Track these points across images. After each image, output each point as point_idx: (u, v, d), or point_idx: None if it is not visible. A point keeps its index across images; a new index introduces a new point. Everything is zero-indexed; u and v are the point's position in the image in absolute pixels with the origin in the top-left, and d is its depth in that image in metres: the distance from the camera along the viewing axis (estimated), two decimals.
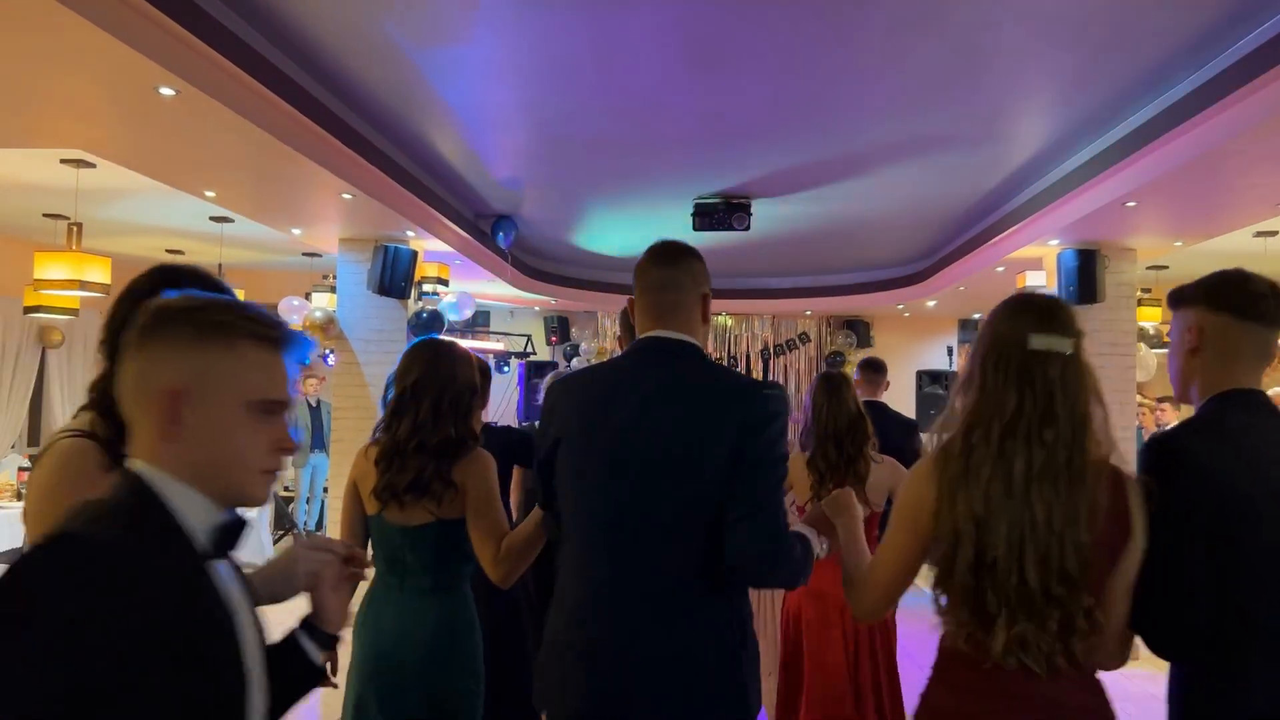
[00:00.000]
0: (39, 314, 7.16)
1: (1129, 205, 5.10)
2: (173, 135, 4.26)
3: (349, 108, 4.80)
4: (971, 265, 7.45)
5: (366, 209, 5.76)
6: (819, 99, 4.61)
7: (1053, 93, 4.54)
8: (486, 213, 7.29)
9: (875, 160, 5.62)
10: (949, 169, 5.80)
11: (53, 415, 9.58)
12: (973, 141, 5.20)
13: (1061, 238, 6.10)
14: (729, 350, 11.49)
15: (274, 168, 4.80)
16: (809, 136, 5.23)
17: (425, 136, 5.38)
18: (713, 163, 5.81)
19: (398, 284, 6.58)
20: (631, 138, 5.34)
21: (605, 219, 7.59)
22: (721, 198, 6.57)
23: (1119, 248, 6.34)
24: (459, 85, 4.58)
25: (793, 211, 7.00)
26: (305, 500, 10.17)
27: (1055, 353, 1.65)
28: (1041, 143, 5.23)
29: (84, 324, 9.69)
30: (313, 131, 4.44)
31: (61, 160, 5.78)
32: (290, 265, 9.69)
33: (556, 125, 5.18)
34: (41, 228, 7.80)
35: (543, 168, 6.12)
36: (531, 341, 11.30)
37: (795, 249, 8.56)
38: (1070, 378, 1.66)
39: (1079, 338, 1.69)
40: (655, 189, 6.49)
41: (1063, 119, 4.84)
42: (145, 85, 3.51)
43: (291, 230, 6.66)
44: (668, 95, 4.63)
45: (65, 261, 5.91)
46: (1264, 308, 1.73)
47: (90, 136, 4.43)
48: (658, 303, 1.91)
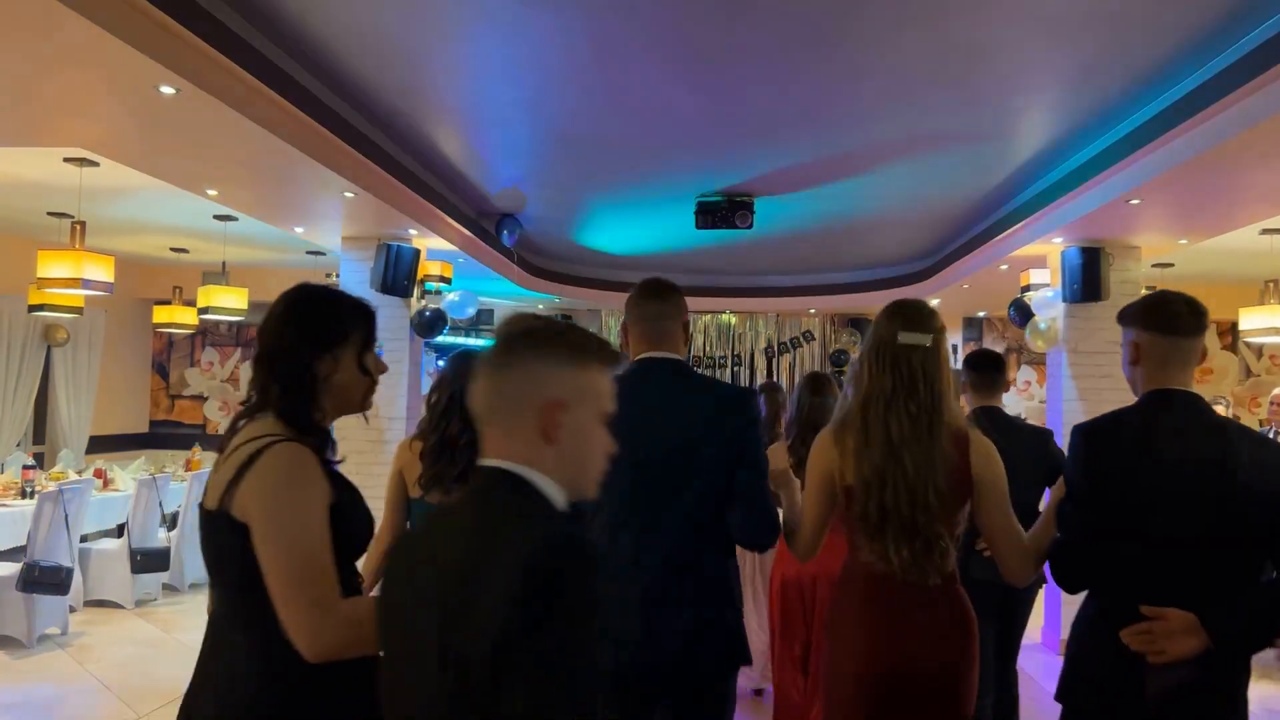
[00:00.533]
0: (43, 312, 7.18)
1: (1132, 203, 5.08)
2: (174, 134, 4.26)
3: (351, 106, 4.80)
4: (975, 263, 7.43)
5: (368, 207, 5.76)
6: (821, 97, 4.60)
7: (1056, 89, 4.52)
8: (489, 211, 7.29)
9: (878, 158, 5.60)
10: (952, 166, 5.78)
11: (58, 413, 9.61)
12: (975, 138, 5.19)
13: (1065, 235, 6.07)
14: (733, 349, 11.48)
15: (275, 166, 4.80)
16: (811, 134, 5.22)
17: (427, 135, 5.38)
18: (714, 161, 5.80)
19: (400, 282, 6.57)
20: (633, 136, 5.33)
21: (608, 217, 7.59)
22: (724, 195, 6.56)
23: (1123, 245, 6.31)
24: (461, 83, 4.58)
25: (796, 209, 6.99)
26: None
27: (918, 345, 2.26)
28: (1045, 140, 5.21)
29: (89, 322, 9.73)
30: (314, 130, 4.44)
31: (65, 159, 5.79)
32: (295, 264, 9.70)
33: (558, 124, 5.18)
34: (46, 226, 7.82)
35: (545, 166, 6.11)
36: None
37: (799, 247, 8.55)
38: (930, 364, 2.26)
39: (938, 334, 2.30)
40: (658, 187, 6.48)
41: (1066, 115, 4.82)
42: (146, 84, 3.51)
43: (294, 229, 6.66)
44: (669, 94, 4.62)
45: (68, 260, 5.92)
46: (1182, 323, 2.15)
47: (92, 135, 4.43)
48: (653, 330, 2.42)
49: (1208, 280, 9.43)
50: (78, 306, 7.25)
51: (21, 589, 5.68)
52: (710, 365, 11.38)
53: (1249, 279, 8.18)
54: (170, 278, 9.75)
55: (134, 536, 6.85)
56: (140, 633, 6.22)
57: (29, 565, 5.70)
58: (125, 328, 10.84)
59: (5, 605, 5.75)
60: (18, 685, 5.09)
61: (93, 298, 7.08)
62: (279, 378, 1.78)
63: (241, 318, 8.14)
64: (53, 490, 5.99)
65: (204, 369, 11.56)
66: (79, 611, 6.59)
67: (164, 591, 7.25)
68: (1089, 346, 6.40)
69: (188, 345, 11.52)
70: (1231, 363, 10.75)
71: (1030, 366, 11.20)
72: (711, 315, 11.47)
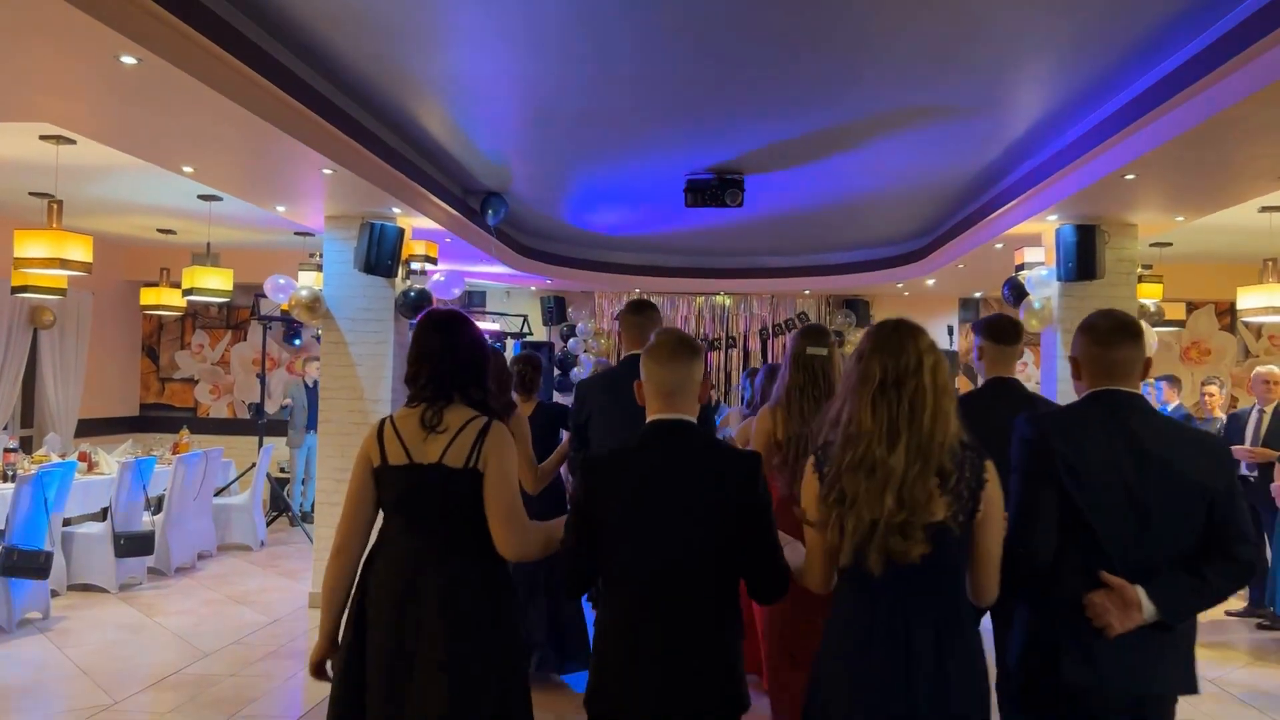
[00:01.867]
0: (26, 294, 7.08)
1: (1128, 178, 4.97)
2: (141, 107, 4.15)
3: (326, 79, 4.68)
4: (970, 242, 7.32)
5: (350, 185, 5.65)
6: (812, 69, 4.48)
7: (1050, 60, 4.40)
8: (475, 189, 7.17)
9: (870, 133, 5.49)
10: (946, 142, 5.66)
11: (45, 396, 9.53)
12: (969, 112, 5.07)
13: (1060, 213, 5.96)
14: (727, 330, 11.39)
15: (249, 142, 4.69)
16: (802, 108, 5.10)
17: (409, 110, 5.26)
18: (703, 136, 5.69)
19: (384, 262, 6.47)
20: (620, 109, 5.21)
21: (598, 196, 7.47)
22: (714, 173, 6.44)
23: (1119, 223, 6.20)
24: (442, 55, 4.46)
25: (788, 187, 6.87)
26: (301, 482, 10.11)
27: (818, 355, 3.40)
28: (1039, 114, 5.09)
29: (75, 304, 9.63)
30: (286, 103, 4.32)
31: (41, 136, 5.68)
32: (281, 244, 9.59)
33: (544, 98, 5.06)
34: (28, 206, 7.71)
35: (531, 143, 5.99)
36: (528, 322, 11.21)
37: (792, 227, 8.44)
38: (828, 367, 3.38)
39: (831, 347, 3.45)
40: (646, 163, 6.36)
41: (1060, 88, 4.70)
42: (105, 53, 3.40)
43: (276, 208, 6.55)
44: (657, 65, 4.50)
45: (46, 240, 5.80)
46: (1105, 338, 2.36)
47: (58, 110, 4.32)
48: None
49: (1206, 259, 9.33)
50: (60, 288, 7.14)
51: (0, 573, 5.60)
52: (706, 347, 11.29)
53: (1248, 258, 8.08)
54: (158, 259, 9.64)
55: (117, 520, 6.77)
56: (122, 617, 6.15)
57: (7, 549, 5.62)
58: (113, 310, 10.75)
59: None
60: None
61: (78, 279, 6.97)
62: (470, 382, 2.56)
63: (227, 299, 8.03)
64: (31, 473, 5.90)
65: (194, 352, 11.47)
66: (62, 595, 6.53)
67: (149, 575, 7.19)
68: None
69: (178, 328, 11.43)
70: (1230, 343, 10.65)
71: (1027, 348, 11.10)
72: (705, 297, 11.37)
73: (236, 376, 11.43)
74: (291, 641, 5.72)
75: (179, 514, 7.52)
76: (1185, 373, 9.92)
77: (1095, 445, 2.28)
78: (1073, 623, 2.24)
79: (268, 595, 6.86)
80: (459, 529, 2.46)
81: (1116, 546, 2.24)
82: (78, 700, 4.58)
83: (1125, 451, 2.26)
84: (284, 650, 5.52)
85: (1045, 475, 2.28)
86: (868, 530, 2.06)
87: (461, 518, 2.45)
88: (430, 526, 2.47)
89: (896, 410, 2.09)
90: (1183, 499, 2.25)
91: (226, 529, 8.57)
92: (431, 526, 2.47)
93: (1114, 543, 2.24)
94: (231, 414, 11.42)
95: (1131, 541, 2.24)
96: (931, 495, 2.05)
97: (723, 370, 11.35)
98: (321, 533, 6.60)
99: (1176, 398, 8.11)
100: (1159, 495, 2.24)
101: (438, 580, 2.41)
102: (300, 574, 7.46)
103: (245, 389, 11.39)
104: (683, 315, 11.42)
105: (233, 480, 9.30)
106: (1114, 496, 2.25)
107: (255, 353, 11.15)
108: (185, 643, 5.60)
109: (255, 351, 11.15)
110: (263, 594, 6.90)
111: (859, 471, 2.08)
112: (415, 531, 2.48)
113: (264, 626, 6.02)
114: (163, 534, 7.32)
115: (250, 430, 10.61)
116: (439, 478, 2.43)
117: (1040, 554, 2.26)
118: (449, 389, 2.51)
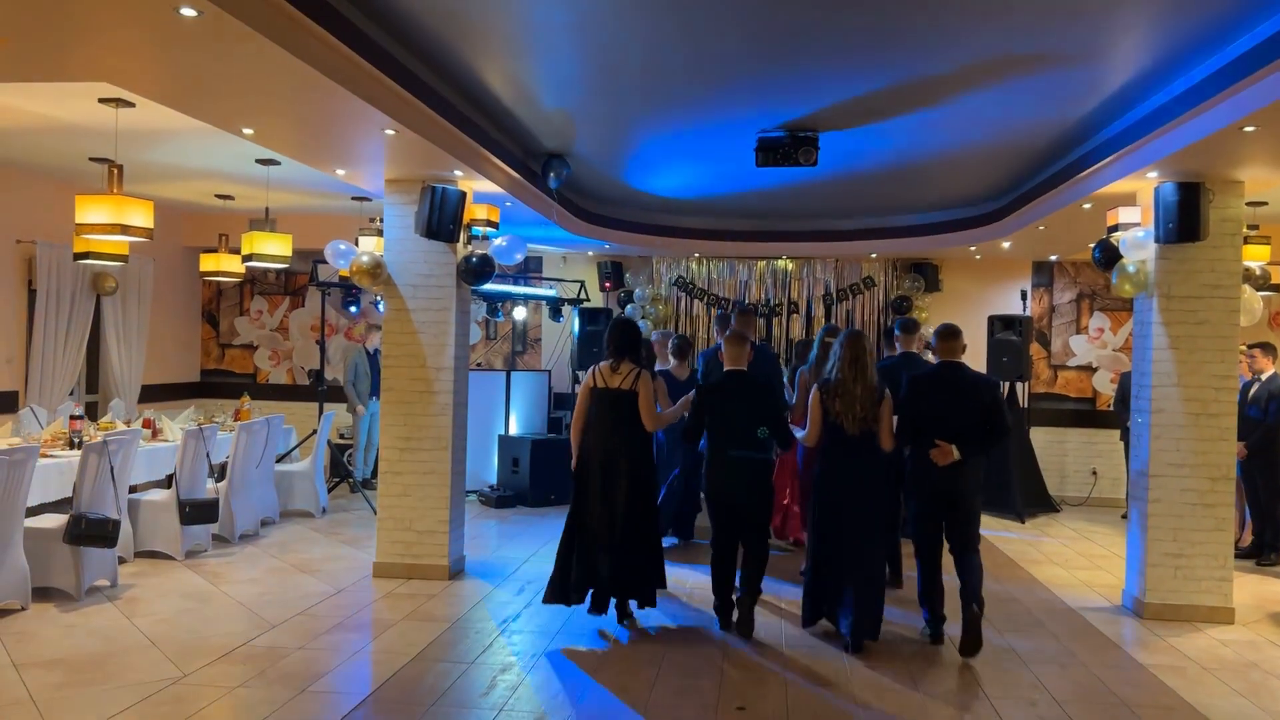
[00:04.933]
0: (89, 260, 7.04)
1: (1246, 129, 4.58)
2: (201, 64, 3.99)
3: (387, 33, 4.48)
4: (1055, 202, 6.93)
5: (411, 147, 5.46)
6: (895, 14, 4.17)
7: (1164, 4, 4.03)
8: (537, 150, 6.95)
9: (954, 86, 5.15)
10: (1035, 94, 5.30)
11: (109, 363, 9.57)
12: (1069, 61, 4.71)
13: (1161, 170, 5.57)
14: (789, 295, 11.08)
15: (310, 100, 4.52)
16: (883, 58, 4.78)
17: (471, 66, 5.05)
18: (777, 90, 5.39)
19: (445, 226, 6.29)
20: (690, 61, 4.93)
21: (661, 157, 7.21)
22: (786, 130, 6.14)
23: (1225, 180, 5.79)
24: (506, 6, 4.22)
25: (863, 146, 6.55)
26: (364, 449, 10.07)
27: (829, 342, 5.97)
28: (1146, 63, 4.71)
29: (137, 270, 9.64)
30: (350, 59, 4.13)
31: (100, 99, 5.58)
32: (340, 210, 9.50)
33: (612, 49, 4.81)
34: (89, 172, 7.68)
35: (596, 98, 5.74)
36: (585, 288, 11.01)
37: (863, 187, 8.09)
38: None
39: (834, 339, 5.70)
40: (715, 120, 6.08)
41: (1172, 35, 4.32)
42: (165, 5, 3.23)
43: (336, 171, 6.40)
44: (728, 13, 4.22)
45: (107, 205, 5.71)
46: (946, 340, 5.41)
47: (118, 68, 4.17)
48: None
49: None
50: (123, 255, 7.08)
51: (69, 541, 5.60)
52: (766, 313, 11.00)
53: None
54: (216, 225, 9.60)
55: (182, 488, 6.75)
56: (189, 585, 6.14)
57: (75, 518, 5.61)
58: (174, 276, 10.77)
59: (54, 557, 5.68)
60: (64, 639, 5.00)
61: (139, 245, 6.91)
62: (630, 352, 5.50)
63: (286, 265, 7.93)
64: (98, 442, 5.88)
65: (253, 318, 11.47)
66: (129, 562, 6.54)
67: (214, 543, 7.18)
68: (1184, 291, 5.92)
69: (236, 294, 11.44)
70: None
71: (1104, 314, 10.64)
72: (767, 261, 11.06)
73: (295, 343, 11.43)
74: (358, 613, 5.64)
75: (242, 481, 7.50)
76: (1277, 339, 9.41)
77: (934, 387, 5.27)
78: (926, 460, 5.16)
79: (331, 564, 6.81)
80: (628, 417, 5.36)
81: (942, 429, 5.13)
82: (148, 672, 4.53)
83: (948, 389, 5.22)
84: (350, 622, 5.45)
85: (915, 398, 5.26)
86: (848, 416, 5.13)
87: (629, 412, 5.35)
88: (617, 415, 5.37)
89: (855, 370, 5.16)
90: (972, 409, 5.15)
91: (289, 496, 8.57)
92: (618, 415, 5.37)
93: (940, 427, 5.13)
94: (291, 380, 11.43)
95: (949, 427, 5.12)
96: (868, 404, 5.13)
97: (785, 336, 11.05)
98: (385, 502, 6.51)
99: (1271, 366, 7.68)
100: (960, 408, 5.16)
101: (620, 439, 5.37)
102: (363, 542, 7.41)
103: (304, 355, 11.38)
104: (742, 280, 11.12)
105: (294, 447, 9.28)
106: (941, 409, 5.17)
107: (314, 319, 11.12)
108: (252, 613, 5.55)
109: (314, 318, 11.12)
110: (326, 563, 6.86)
111: (842, 394, 5.17)
112: (606, 418, 5.39)
113: (329, 597, 5.96)
114: (226, 501, 7.30)
115: (309, 396, 10.60)
116: (618, 394, 5.38)
117: (909, 431, 5.23)
118: (623, 354, 5.46)
